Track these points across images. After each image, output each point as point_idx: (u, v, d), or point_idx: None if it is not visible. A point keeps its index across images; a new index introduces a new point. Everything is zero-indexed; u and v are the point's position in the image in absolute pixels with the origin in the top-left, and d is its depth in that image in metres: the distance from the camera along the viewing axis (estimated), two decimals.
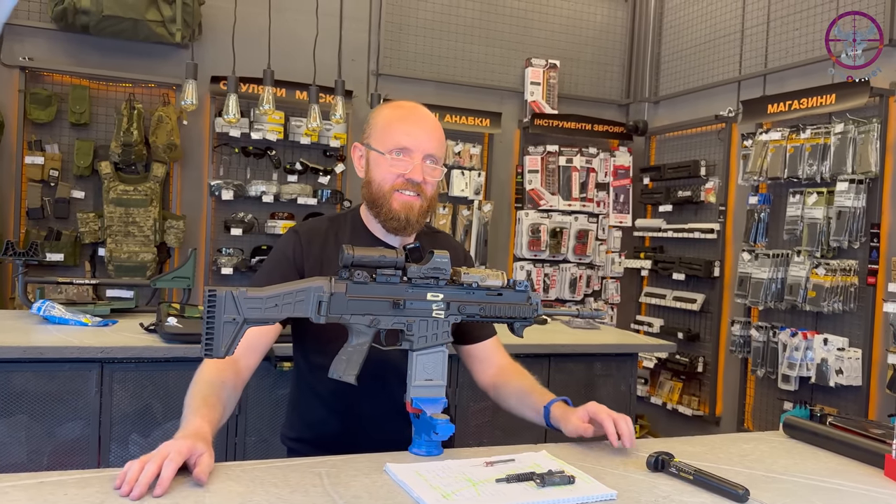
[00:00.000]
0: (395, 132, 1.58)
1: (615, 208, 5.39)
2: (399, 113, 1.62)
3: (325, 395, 1.60)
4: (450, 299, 1.43)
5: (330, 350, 1.43)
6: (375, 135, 1.61)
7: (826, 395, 3.83)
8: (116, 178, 4.25)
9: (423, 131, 1.59)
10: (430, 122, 1.62)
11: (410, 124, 1.59)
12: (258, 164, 4.70)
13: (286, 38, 4.52)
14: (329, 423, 1.62)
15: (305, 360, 1.65)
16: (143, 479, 1.10)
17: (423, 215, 1.60)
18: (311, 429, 1.65)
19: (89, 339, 2.51)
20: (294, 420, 1.70)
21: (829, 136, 3.76)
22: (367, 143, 1.63)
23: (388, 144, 1.57)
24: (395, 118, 1.61)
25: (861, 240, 3.64)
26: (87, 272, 4.27)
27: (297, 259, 1.60)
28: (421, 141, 1.57)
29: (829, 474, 1.40)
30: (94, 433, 2.49)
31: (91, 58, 4.31)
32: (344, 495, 1.15)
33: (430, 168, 1.59)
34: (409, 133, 1.57)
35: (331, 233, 1.66)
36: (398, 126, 1.59)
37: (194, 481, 1.15)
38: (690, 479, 1.29)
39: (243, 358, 1.50)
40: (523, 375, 1.68)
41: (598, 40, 5.50)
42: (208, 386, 1.40)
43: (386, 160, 1.57)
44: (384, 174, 1.57)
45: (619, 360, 3.31)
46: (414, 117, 1.61)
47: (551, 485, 1.22)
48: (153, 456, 1.14)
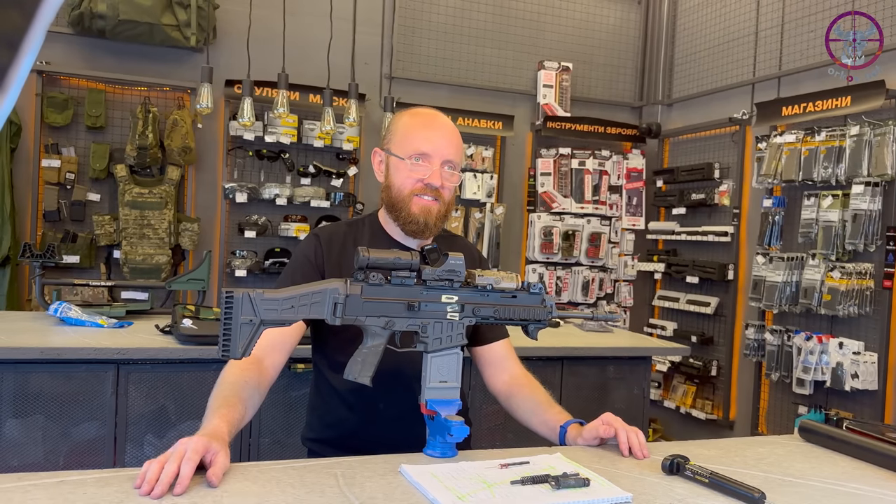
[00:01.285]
0: (414, 138, 1.62)
1: (628, 211, 5.38)
2: (419, 120, 1.66)
3: (346, 394, 1.62)
4: (464, 301, 1.43)
5: (351, 350, 1.44)
6: (395, 140, 1.65)
7: (841, 399, 3.80)
8: (132, 180, 4.29)
9: (442, 138, 1.63)
10: (449, 129, 1.66)
11: (430, 131, 1.63)
12: (272, 167, 4.72)
13: (300, 41, 4.54)
14: (349, 423, 1.63)
15: (326, 359, 1.67)
16: (163, 479, 1.11)
17: (441, 219, 1.64)
18: (332, 429, 1.66)
19: (105, 340, 2.53)
20: (314, 421, 1.72)
21: (844, 139, 3.74)
22: (387, 149, 1.67)
23: (408, 150, 1.61)
24: (414, 125, 1.65)
25: (877, 243, 3.61)
26: (102, 274, 4.31)
27: (319, 262, 1.64)
28: (440, 147, 1.61)
29: (846, 478, 1.39)
30: (109, 434, 2.51)
31: (107, 62, 4.35)
32: (360, 496, 1.16)
33: (449, 174, 1.63)
34: (428, 139, 1.61)
35: (349, 237, 1.69)
36: (418, 132, 1.63)
37: (206, 482, 1.16)
38: (706, 483, 1.29)
39: (268, 357, 1.52)
40: (538, 389, 1.69)
41: (610, 42, 5.49)
42: (230, 386, 1.42)
43: (406, 165, 1.61)
44: (403, 179, 1.61)
45: (633, 363, 3.30)
46: (433, 124, 1.65)
47: (566, 487, 1.22)
48: (171, 455, 1.15)
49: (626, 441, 1.46)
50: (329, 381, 1.66)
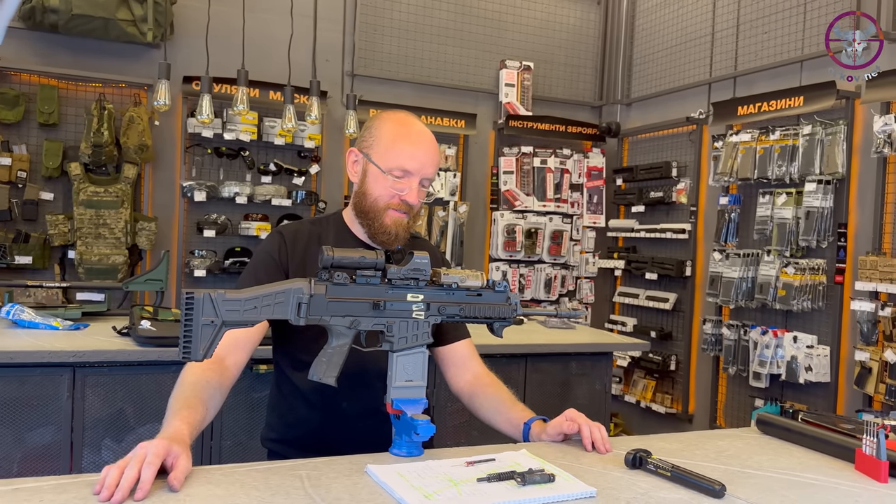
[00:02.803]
0: (399, 153, 1.58)
1: (589, 209, 5.44)
2: (404, 131, 1.62)
3: (308, 394, 1.60)
4: (430, 300, 1.43)
5: (314, 349, 1.44)
6: (378, 149, 1.60)
7: (796, 391, 3.90)
8: (86, 179, 4.19)
9: (426, 155, 1.60)
10: (433, 146, 1.64)
11: (416, 147, 1.60)
12: (231, 165, 4.66)
13: (260, 38, 4.49)
14: (311, 423, 1.61)
15: (288, 358, 1.65)
16: (124, 484, 1.09)
17: (409, 230, 1.63)
18: (293, 429, 1.64)
19: (60, 343, 2.47)
20: (274, 421, 1.69)
21: (797, 138, 3.84)
22: (366, 154, 1.62)
23: (391, 163, 1.58)
24: (400, 136, 1.60)
25: (829, 239, 3.71)
26: (56, 275, 4.20)
27: (283, 260, 1.61)
28: (423, 165, 1.59)
29: (802, 469, 1.43)
30: (65, 439, 2.46)
31: (60, 57, 4.24)
32: (326, 497, 1.15)
33: (423, 191, 1.63)
34: (413, 157, 1.58)
35: (314, 235, 1.66)
36: (403, 147, 1.59)
37: (168, 486, 1.14)
38: (668, 476, 1.31)
39: (229, 356, 1.50)
40: (501, 387, 1.69)
41: (570, 42, 5.54)
42: (190, 387, 1.40)
43: (386, 179, 1.58)
44: (381, 192, 1.59)
45: (595, 359, 3.34)
46: (419, 139, 1.62)
47: (532, 483, 1.23)
48: (131, 459, 1.13)
49: (590, 436, 1.47)
50: (291, 381, 1.63)
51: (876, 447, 1.37)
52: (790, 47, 4.10)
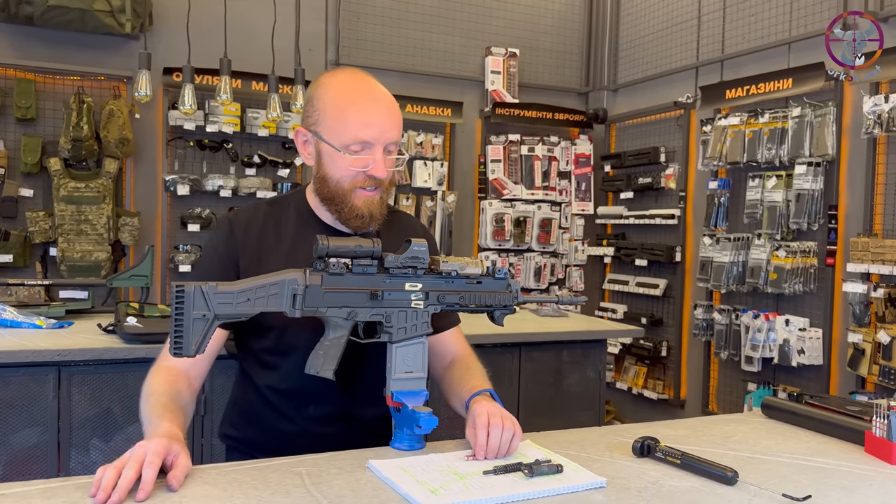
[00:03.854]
0: (350, 124, 1.38)
1: (577, 196, 5.41)
2: (351, 95, 1.41)
3: (270, 396, 1.47)
4: (429, 289, 1.39)
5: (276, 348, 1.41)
6: (326, 123, 1.41)
7: (788, 374, 3.90)
8: (67, 174, 4.10)
9: (382, 118, 1.40)
10: (388, 103, 1.43)
11: (368, 112, 1.39)
12: (214, 157, 4.57)
13: (241, 28, 4.40)
14: (272, 426, 1.48)
15: (251, 357, 1.51)
16: (122, 485, 1.05)
17: (384, 206, 1.46)
18: (252, 428, 1.51)
19: (44, 341, 2.40)
20: (235, 418, 1.56)
21: (786, 120, 3.82)
22: (315, 132, 1.43)
23: (345, 138, 1.38)
24: (348, 103, 1.40)
25: (820, 221, 3.70)
26: (38, 273, 4.11)
27: (233, 252, 1.46)
28: (382, 131, 1.39)
29: (812, 453, 1.40)
30: (52, 440, 2.39)
31: (36, 50, 4.14)
32: (328, 495, 1.11)
33: (390, 160, 1.43)
34: (368, 124, 1.38)
35: (270, 219, 1.50)
36: (354, 115, 1.39)
37: (166, 486, 1.09)
38: (678, 464, 1.28)
39: (192, 369, 1.42)
40: (466, 366, 1.54)
41: (556, 28, 5.49)
42: (165, 395, 1.32)
43: (344, 158, 1.39)
44: (343, 172, 1.40)
45: (588, 346, 3.31)
46: (370, 100, 1.41)
47: (540, 475, 1.19)
48: (129, 459, 1.09)
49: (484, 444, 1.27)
50: (253, 381, 1.50)
51: (887, 429, 1.34)
52: (777, 29, 4.07)
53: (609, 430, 1.53)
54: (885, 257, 3.31)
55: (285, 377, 1.45)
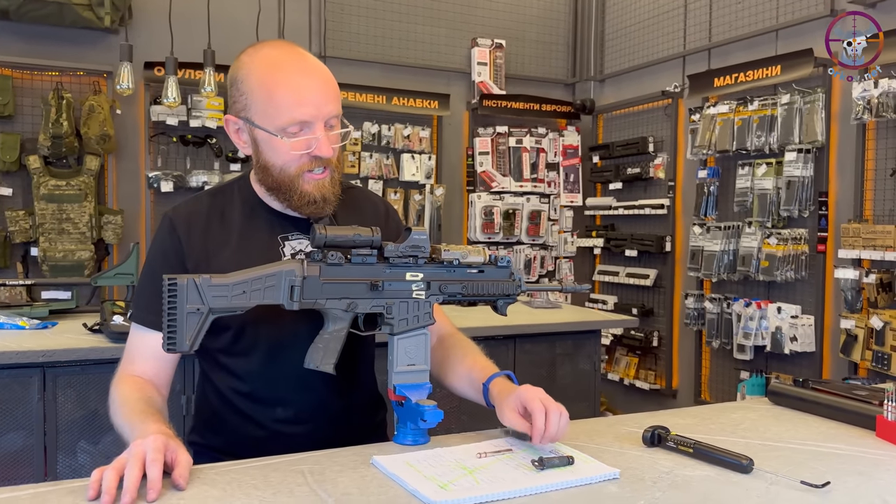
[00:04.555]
0: (282, 104, 1.26)
1: (566, 188, 5.38)
2: (279, 73, 1.28)
3: (233, 398, 1.39)
4: (430, 278, 1.34)
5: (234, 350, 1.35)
6: (256, 108, 1.29)
7: (781, 362, 3.90)
8: (47, 172, 4.01)
9: (316, 93, 1.28)
10: (320, 76, 1.31)
11: (299, 89, 1.27)
12: (198, 153, 4.50)
13: (224, 20, 4.31)
14: (238, 429, 1.40)
15: (210, 359, 1.41)
16: (130, 485, 0.99)
17: (337, 185, 1.36)
18: (218, 436, 1.43)
19: (28, 342, 2.34)
20: (199, 425, 1.48)
21: (775, 108, 3.81)
22: (246, 118, 1.31)
23: (279, 121, 1.27)
24: (275, 82, 1.27)
25: (810, 208, 3.70)
26: (19, 273, 4.00)
27: (178, 253, 1.36)
28: (319, 105, 1.28)
29: (823, 439, 1.38)
30: (38, 443, 2.33)
31: (13, 45, 4.04)
32: (332, 493, 1.07)
33: (334, 135, 1.32)
34: (301, 101, 1.27)
35: (215, 212, 1.40)
36: (285, 95, 1.26)
37: (172, 485, 1.05)
38: (690, 453, 1.25)
39: (156, 377, 1.36)
40: (459, 344, 1.47)
41: (542, 18, 5.45)
42: (141, 401, 1.26)
43: (283, 143, 1.28)
44: (284, 158, 1.30)
45: (582, 337, 3.29)
46: (299, 76, 1.29)
47: (551, 467, 1.16)
48: (130, 459, 1.03)
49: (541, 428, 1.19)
50: (214, 383, 1.41)
51: None
52: (765, 16, 4.06)
53: (616, 420, 1.50)
54: (877, 243, 3.30)
55: (248, 378, 1.37)
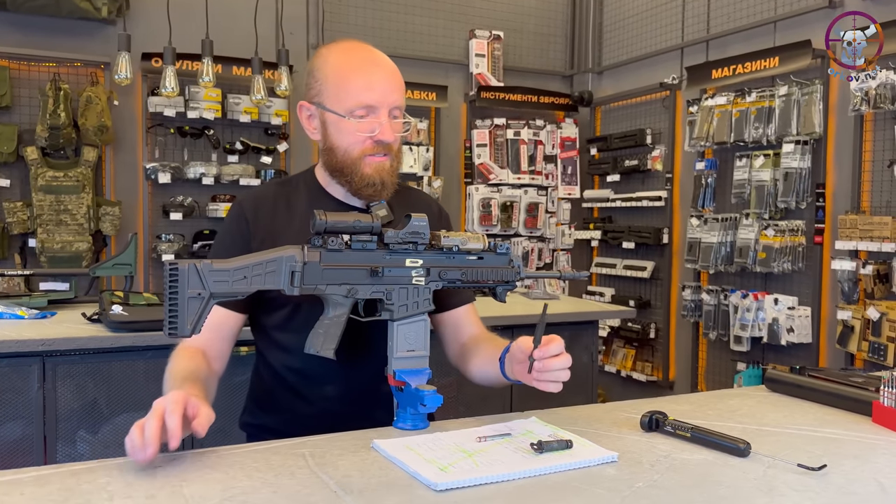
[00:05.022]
0: (353, 88, 1.38)
1: (563, 180, 5.38)
2: (352, 61, 1.41)
3: (287, 377, 1.47)
4: (430, 265, 1.35)
5: (290, 327, 1.39)
6: (328, 92, 1.41)
7: (777, 353, 3.92)
8: (44, 163, 4.00)
9: (384, 81, 1.40)
10: (389, 68, 1.43)
11: (369, 74, 1.40)
12: (196, 144, 4.49)
13: (221, 11, 4.31)
14: (290, 409, 1.48)
15: (265, 339, 1.50)
16: (151, 438, 1.04)
17: (395, 174, 1.45)
18: (271, 415, 1.51)
19: (27, 331, 2.34)
20: (252, 405, 1.57)
21: (773, 99, 3.81)
22: (318, 103, 1.43)
23: (348, 104, 1.38)
24: (348, 69, 1.40)
25: (807, 200, 3.71)
26: (17, 265, 4.01)
27: (245, 234, 1.45)
28: (385, 93, 1.39)
29: (820, 424, 1.39)
30: (38, 432, 2.33)
31: (10, 36, 4.03)
32: (334, 475, 1.07)
33: (397, 123, 1.43)
34: (369, 86, 1.38)
35: (281, 199, 1.49)
36: (355, 79, 1.39)
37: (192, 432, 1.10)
38: (688, 437, 1.26)
39: (211, 350, 1.42)
40: (488, 339, 1.52)
41: (540, 10, 5.45)
42: (184, 370, 1.31)
43: (350, 124, 1.39)
44: (350, 140, 1.40)
45: (580, 328, 3.30)
46: (371, 64, 1.41)
47: (550, 450, 1.17)
48: (149, 415, 1.07)
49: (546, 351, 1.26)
50: (269, 363, 1.50)
51: (895, 398, 1.33)
52: (763, 8, 4.06)
53: (614, 406, 1.51)
54: (873, 234, 3.32)
55: (300, 354, 1.39)
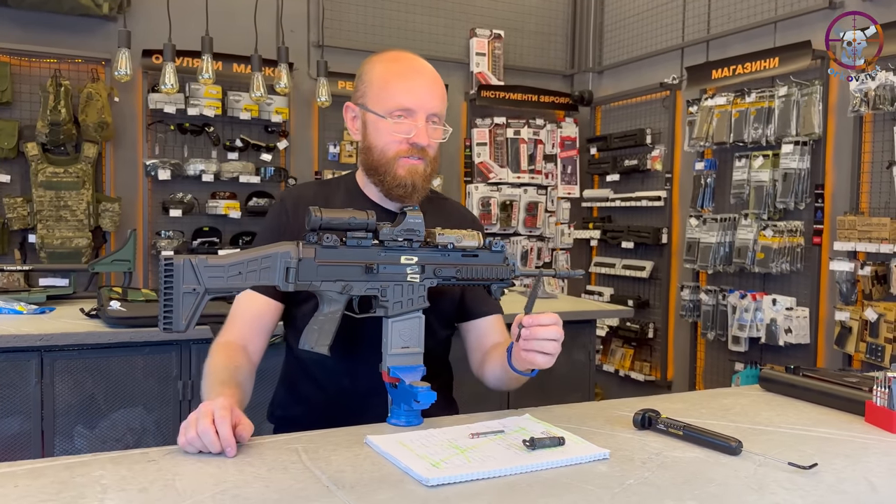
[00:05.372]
0: (394, 91, 1.45)
1: (563, 179, 5.39)
2: (396, 67, 1.48)
3: (312, 369, 1.52)
4: (424, 262, 1.35)
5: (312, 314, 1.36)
6: (372, 94, 1.48)
7: (775, 354, 3.92)
8: (45, 159, 4.01)
9: (424, 87, 1.46)
10: (431, 76, 1.50)
11: (411, 80, 1.46)
12: (196, 141, 4.50)
13: (222, 8, 4.31)
14: (314, 400, 1.53)
15: (293, 332, 1.53)
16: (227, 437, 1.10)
17: (428, 179, 1.49)
18: (297, 405, 1.57)
19: (26, 326, 2.34)
20: (280, 396, 1.62)
21: (773, 100, 3.82)
22: (362, 104, 1.50)
23: (388, 105, 1.45)
24: (392, 74, 1.47)
25: (806, 200, 3.71)
26: (17, 260, 4.02)
27: (284, 230, 1.48)
28: (424, 99, 1.45)
29: (813, 423, 1.39)
30: (35, 427, 2.34)
31: (11, 32, 4.03)
32: (326, 470, 1.08)
33: (433, 129, 1.48)
34: (410, 90, 1.45)
35: (320, 198, 1.53)
36: (397, 83, 1.46)
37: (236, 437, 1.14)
38: (680, 435, 1.26)
39: (250, 343, 1.46)
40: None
41: (540, 9, 5.45)
42: (225, 371, 1.34)
43: (387, 124, 1.44)
44: (387, 140, 1.45)
45: (577, 328, 3.30)
46: (414, 72, 1.48)
47: (542, 447, 1.17)
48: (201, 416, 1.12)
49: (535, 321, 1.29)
50: (296, 355, 1.54)
51: (888, 398, 1.34)
52: (763, 8, 4.06)
53: (608, 404, 1.51)
54: (872, 235, 3.32)
55: None
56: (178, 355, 2.48)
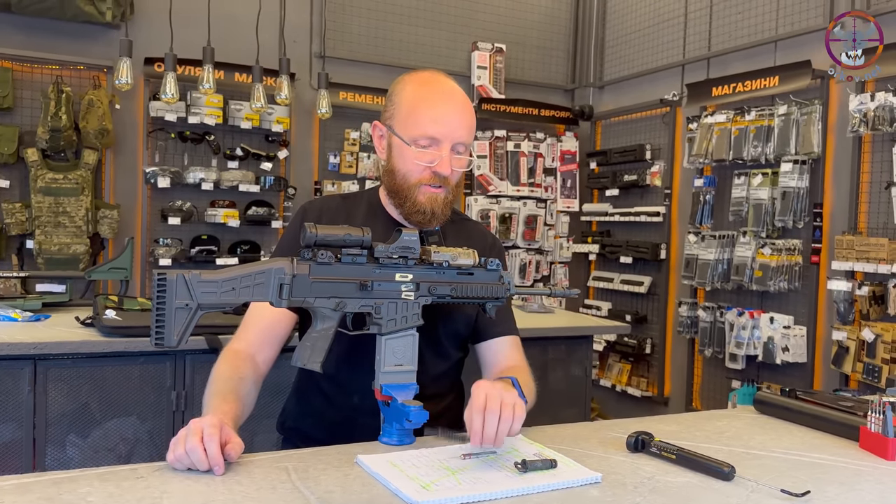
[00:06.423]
0: (421, 118, 1.43)
1: (563, 193, 5.39)
2: (425, 92, 1.47)
3: (323, 385, 1.52)
4: (419, 280, 1.35)
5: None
6: (399, 118, 1.47)
7: (772, 372, 3.91)
8: (44, 165, 4.01)
9: (452, 117, 1.44)
10: (461, 105, 1.47)
11: (438, 109, 1.44)
12: (196, 149, 4.50)
13: (224, 18, 4.32)
14: (323, 415, 1.53)
15: None
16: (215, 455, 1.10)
17: (449, 206, 1.49)
18: (306, 418, 1.57)
19: (20, 334, 2.33)
20: (291, 407, 1.62)
21: (772, 118, 3.82)
22: (389, 126, 1.49)
23: (414, 132, 1.43)
24: (420, 99, 1.46)
25: (805, 219, 3.71)
26: (14, 266, 4.02)
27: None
28: (451, 129, 1.43)
29: (807, 448, 1.38)
30: (27, 436, 2.33)
31: (14, 38, 4.05)
32: (315, 490, 1.07)
33: (458, 159, 1.46)
34: (436, 120, 1.43)
35: (342, 211, 1.55)
36: (425, 111, 1.44)
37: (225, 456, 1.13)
38: (673, 459, 1.25)
39: (259, 353, 1.45)
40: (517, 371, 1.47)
41: (542, 24, 5.47)
42: (225, 382, 1.34)
43: (412, 151, 1.44)
44: (409, 166, 1.45)
45: (575, 343, 3.29)
46: (442, 99, 1.46)
47: (534, 470, 1.16)
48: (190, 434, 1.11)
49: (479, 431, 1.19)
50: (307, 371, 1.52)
51: (883, 424, 1.33)
52: (764, 27, 4.08)
53: (601, 426, 1.50)
54: (870, 255, 3.32)
55: (335, 360, 1.43)
56: (172, 365, 2.47)
